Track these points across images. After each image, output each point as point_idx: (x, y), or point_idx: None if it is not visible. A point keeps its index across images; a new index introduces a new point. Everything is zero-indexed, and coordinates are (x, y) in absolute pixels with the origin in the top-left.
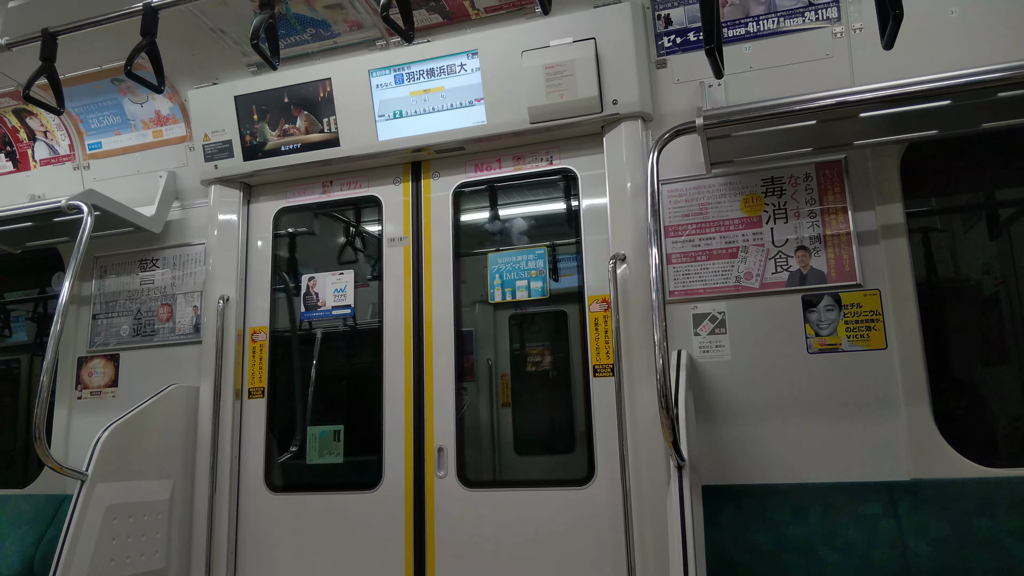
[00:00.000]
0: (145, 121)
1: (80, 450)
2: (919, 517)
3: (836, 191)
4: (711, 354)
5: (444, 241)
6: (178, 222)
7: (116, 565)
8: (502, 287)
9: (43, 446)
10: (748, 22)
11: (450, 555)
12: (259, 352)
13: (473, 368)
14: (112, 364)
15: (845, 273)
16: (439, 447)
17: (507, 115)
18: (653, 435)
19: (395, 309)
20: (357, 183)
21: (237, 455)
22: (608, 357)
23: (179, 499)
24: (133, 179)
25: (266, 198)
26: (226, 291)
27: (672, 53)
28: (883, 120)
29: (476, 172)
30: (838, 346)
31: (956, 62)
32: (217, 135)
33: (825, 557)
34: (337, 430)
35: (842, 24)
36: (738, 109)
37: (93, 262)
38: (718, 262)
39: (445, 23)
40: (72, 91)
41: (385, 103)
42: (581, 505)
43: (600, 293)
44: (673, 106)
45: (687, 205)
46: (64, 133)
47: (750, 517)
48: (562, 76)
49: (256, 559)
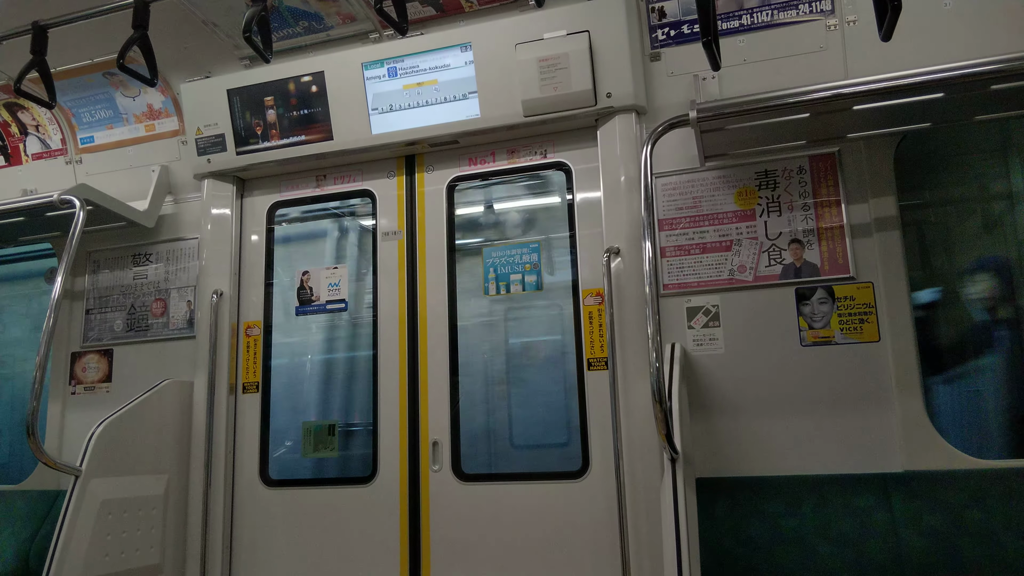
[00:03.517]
0: (137, 115)
1: (74, 446)
2: (912, 509)
3: (830, 184)
4: (705, 347)
5: (438, 235)
6: (171, 216)
7: (111, 560)
8: (496, 281)
9: (36, 442)
10: (742, 15)
11: (445, 548)
12: (253, 346)
13: (468, 361)
14: (106, 359)
15: (838, 266)
16: (434, 441)
17: (501, 108)
18: (647, 428)
19: (389, 303)
20: (351, 177)
21: (232, 449)
22: (602, 350)
23: (174, 494)
24: (126, 173)
25: (259, 192)
26: (220, 285)
27: (666, 46)
28: (877, 113)
29: (470, 166)
30: (831, 339)
31: (950, 55)
32: (210, 129)
33: (818, 549)
34: (331, 424)
35: (836, 17)
36: (732, 102)
37: (86, 257)
38: (712, 255)
39: (438, 16)
40: (64, 85)
41: (378, 96)
42: (575, 498)
43: (594, 286)
44: (667, 99)
45: (681, 198)
46: (56, 127)
47: (744, 509)
48: (556, 69)
49: (251, 553)
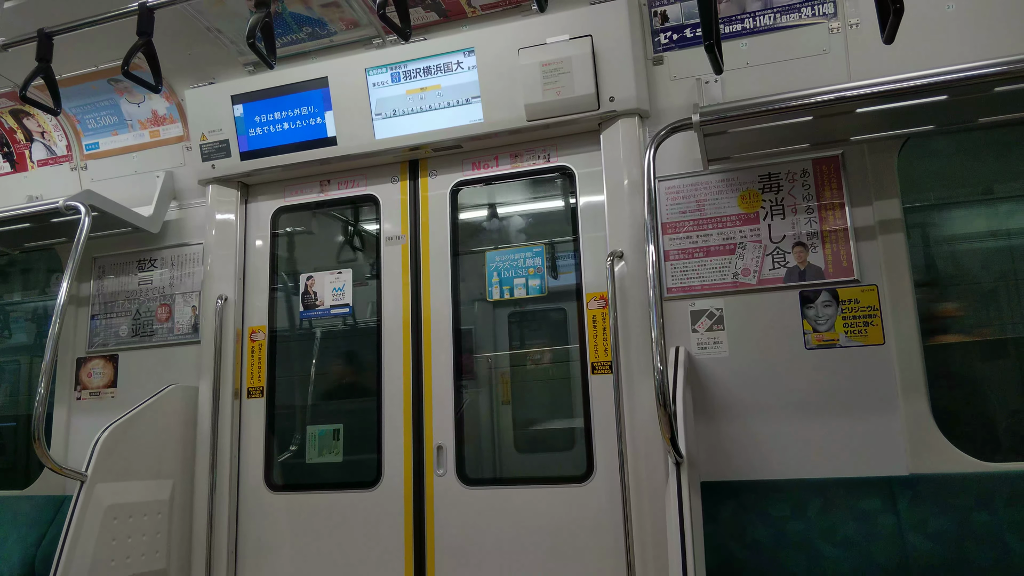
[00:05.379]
0: (142, 121)
1: (80, 451)
2: (918, 512)
3: (833, 187)
4: (709, 350)
5: (442, 239)
6: (176, 222)
7: (116, 565)
8: (500, 285)
9: (42, 447)
10: (744, 18)
11: (450, 553)
12: (258, 351)
13: (472, 366)
14: (111, 364)
15: (843, 269)
16: (438, 445)
17: (504, 113)
18: (651, 432)
19: (393, 308)
20: (355, 182)
21: (236, 454)
22: (606, 354)
23: (179, 499)
24: (130, 179)
25: (264, 197)
26: (224, 291)
27: (669, 50)
28: (880, 115)
29: (474, 170)
30: (836, 342)
31: (953, 57)
32: (214, 135)
33: (824, 552)
34: (336, 429)
35: (838, 20)
36: (735, 105)
37: (91, 263)
38: (716, 259)
39: (441, 21)
40: (69, 91)
41: (382, 101)
42: (580, 502)
43: (598, 290)
44: (670, 103)
45: (684, 202)
46: (61, 134)
47: (749, 513)
48: (559, 73)
49: (256, 558)
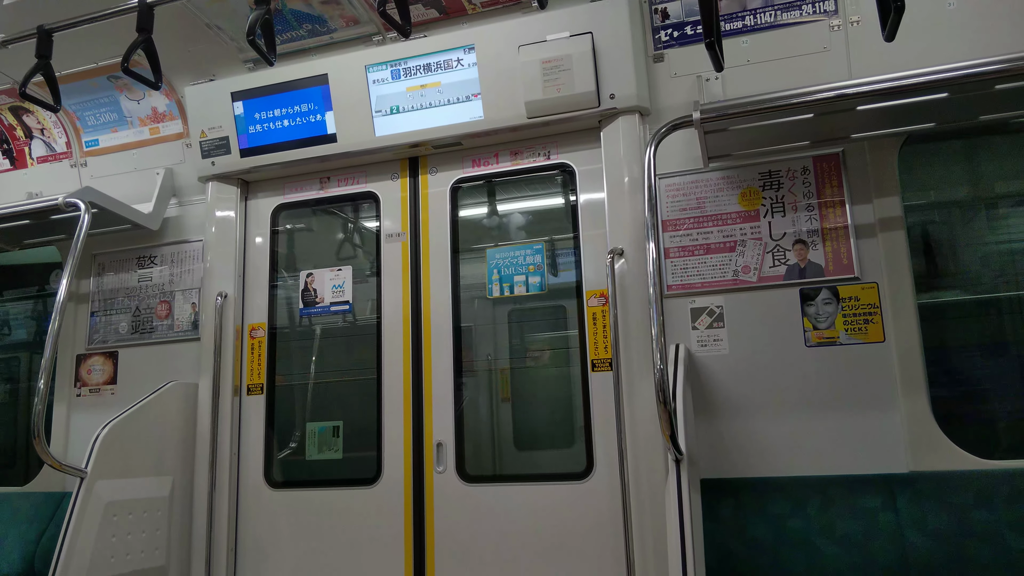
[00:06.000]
0: (142, 118)
1: (79, 447)
2: (917, 509)
3: (834, 184)
4: (709, 348)
5: (442, 236)
6: (176, 219)
7: (116, 562)
8: (500, 282)
9: (42, 444)
10: (745, 15)
11: (450, 550)
12: (258, 348)
13: (472, 363)
14: (111, 361)
15: (843, 266)
16: (438, 442)
17: (504, 110)
18: (651, 429)
19: (393, 305)
20: (354, 179)
21: (236, 451)
22: (606, 351)
23: (179, 496)
24: (130, 176)
25: (264, 194)
26: (224, 288)
27: (669, 47)
28: (881, 113)
29: (474, 167)
30: (836, 339)
31: (954, 55)
32: (214, 131)
33: (824, 549)
34: (336, 426)
35: (839, 17)
36: (735, 103)
37: (91, 259)
38: (716, 256)
39: (441, 18)
40: (68, 88)
41: (382, 98)
42: (580, 499)
43: (598, 288)
44: (670, 100)
45: (684, 199)
46: (61, 130)
47: (749, 510)
48: (559, 71)
49: (256, 555)
